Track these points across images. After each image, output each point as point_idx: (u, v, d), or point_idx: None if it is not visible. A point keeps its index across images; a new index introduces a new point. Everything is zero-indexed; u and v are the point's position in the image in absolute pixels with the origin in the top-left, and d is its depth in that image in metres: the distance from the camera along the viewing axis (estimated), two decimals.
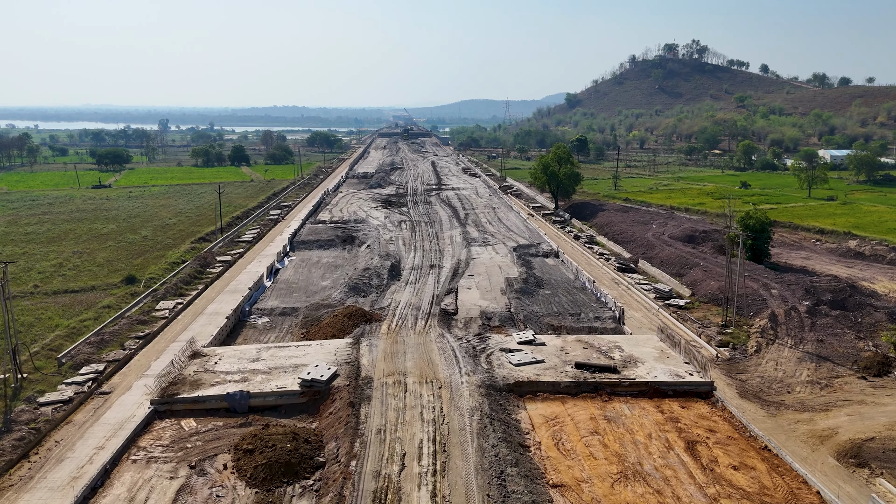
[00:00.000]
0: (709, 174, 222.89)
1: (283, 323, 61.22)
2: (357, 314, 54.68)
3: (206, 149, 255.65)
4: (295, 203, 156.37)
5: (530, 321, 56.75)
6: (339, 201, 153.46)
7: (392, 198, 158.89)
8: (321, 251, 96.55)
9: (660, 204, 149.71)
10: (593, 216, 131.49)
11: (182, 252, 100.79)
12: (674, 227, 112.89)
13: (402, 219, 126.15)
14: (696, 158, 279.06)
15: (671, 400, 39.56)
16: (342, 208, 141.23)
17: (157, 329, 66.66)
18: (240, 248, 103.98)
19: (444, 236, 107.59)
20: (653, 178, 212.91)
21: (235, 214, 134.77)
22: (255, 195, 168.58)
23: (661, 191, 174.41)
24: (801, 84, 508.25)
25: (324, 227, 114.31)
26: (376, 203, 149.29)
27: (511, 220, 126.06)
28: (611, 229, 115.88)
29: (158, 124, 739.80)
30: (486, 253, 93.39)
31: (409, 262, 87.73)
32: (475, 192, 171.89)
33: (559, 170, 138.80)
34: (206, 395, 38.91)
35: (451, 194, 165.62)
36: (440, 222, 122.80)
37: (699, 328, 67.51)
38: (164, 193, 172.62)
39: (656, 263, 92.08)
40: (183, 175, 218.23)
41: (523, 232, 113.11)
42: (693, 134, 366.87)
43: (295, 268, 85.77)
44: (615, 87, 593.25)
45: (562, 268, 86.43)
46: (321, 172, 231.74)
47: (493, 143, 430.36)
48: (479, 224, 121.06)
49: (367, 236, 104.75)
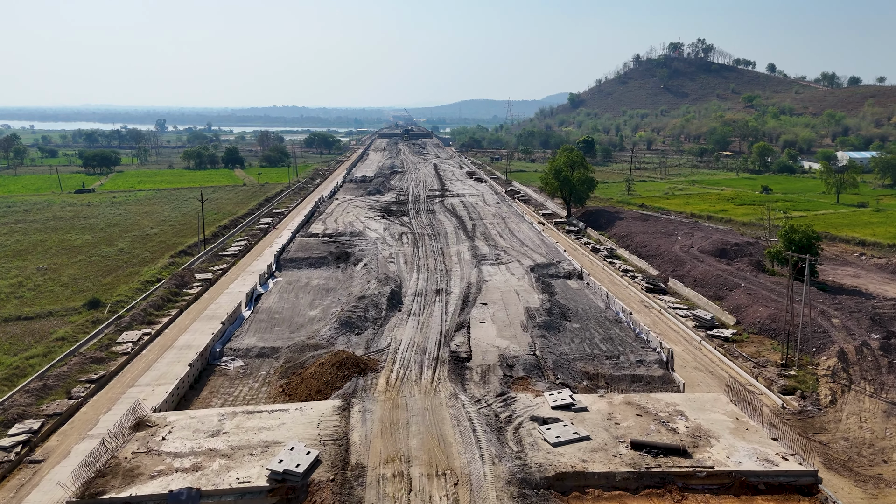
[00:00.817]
0: (723, 177, 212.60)
1: (259, 368, 50.69)
2: (348, 362, 44.24)
3: (199, 151, 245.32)
4: (288, 210, 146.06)
5: (561, 368, 46.31)
6: (335, 210, 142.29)
7: (392, 206, 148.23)
8: (311, 271, 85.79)
9: (679, 211, 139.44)
10: (610, 225, 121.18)
11: (159, 268, 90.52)
12: (701, 238, 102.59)
13: (403, 231, 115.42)
14: (708, 160, 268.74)
15: (765, 499, 29.32)
16: (337, 218, 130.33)
17: (115, 369, 56.39)
18: (223, 264, 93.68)
19: (451, 252, 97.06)
20: (665, 181, 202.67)
21: (222, 223, 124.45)
22: (247, 201, 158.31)
23: (678, 196, 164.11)
24: (809, 83, 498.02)
25: (315, 242, 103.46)
26: (375, 212, 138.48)
27: (524, 233, 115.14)
28: (632, 241, 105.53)
29: (155, 125, 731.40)
30: (499, 274, 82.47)
31: (412, 286, 76.88)
32: (482, 198, 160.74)
33: (572, 175, 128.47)
34: (140, 496, 28.61)
35: (456, 201, 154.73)
36: (445, 235, 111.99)
37: (754, 367, 57.19)
38: (150, 199, 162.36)
39: (689, 283, 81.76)
40: (173, 178, 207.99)
41: (539, 247, 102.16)
42: (702, 135, 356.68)
43: (280, 293, 75.32)
44: (619, 86, 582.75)
45: (588, 293, 75.60)
46: (318, 175, 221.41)
47: (496, 144, 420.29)
48: (489, 237, 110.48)
49: (363, 253, 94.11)
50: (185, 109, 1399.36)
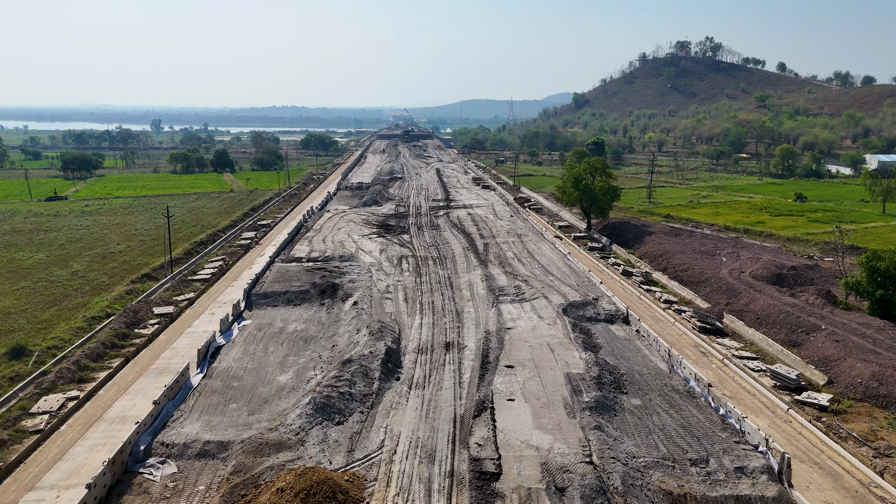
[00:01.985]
0: (746, 182, 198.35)
1: (198, 478, 35.71)
2: (319, 491, 29.42)
3: (186, 154, 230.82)
4: (276, 221, 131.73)
5: (633, 489, 31.32)
6: (324, 225, 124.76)
7: (390, 219, 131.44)
8: (289, 310, 70.88)
9: (711, 223, 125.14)
10: (638, 241, 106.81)
11: (112, 298, 76.23)
12: (751, 260, 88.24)
13: (402, 253, 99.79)
14: (726, 163, 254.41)
15: None
16: (326, 236, 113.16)
17: (14, 460, 42.04)
18: (191, 292, 79.34)
19: (461, 283, 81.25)
20: (685, 186, 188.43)
21: (198, 239, 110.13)
22: (231, 210, 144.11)
23: (704, 204, 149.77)
24: (821, 83, 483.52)
25: (297, 270, 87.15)
26: (370, 228, 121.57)
27: (546, 255, 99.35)
28: (669, 262, 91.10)
29: (151, 125, 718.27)
30: (524, 316, 66.82)
31: (414, 336, 61.47)
32: (492, 210, 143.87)
33: (594, 183, 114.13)
34: None
35: (463, 214, 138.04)
36: (453, 258, 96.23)
37: (874, 457, 42.90)
38: (126, 208, 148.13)
39: (750, 320, 67.49)
40: (156, 184, 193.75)
41: (567, 275, 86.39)
42: (714, 136, 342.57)
43: (245, 344, 59.89)
44: (625, 86, 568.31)
45: (640, 345, 60.04)
46: (312, 180, 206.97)
47: (499, 146, 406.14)
48: (505, 261, 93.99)
49: (354, 285, 78.31)
50: (184, 109, 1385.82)
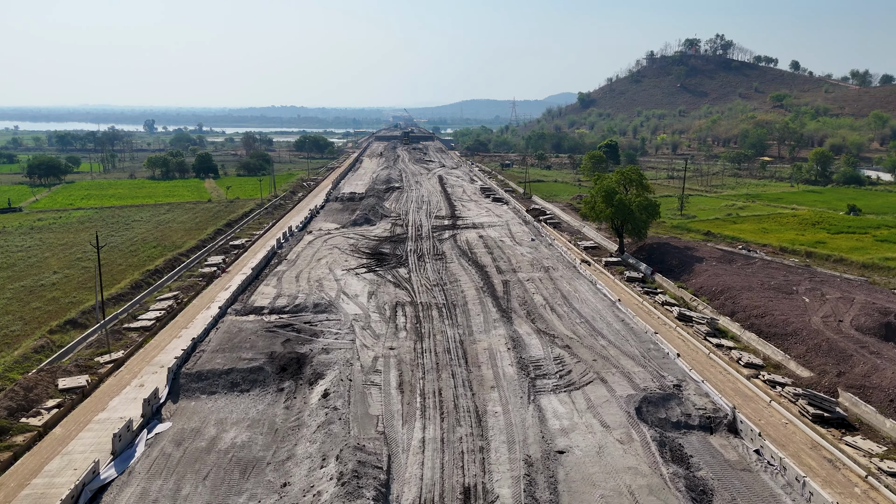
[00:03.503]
0: (780, 190, 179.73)
1: None
2: None
3: (165, 158, 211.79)
4: (252, 240, 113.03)
5: None
6: (302, 253, 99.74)
7: (384, 245, 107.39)
8: (231, 401, 49.63)
9: (763, 244, 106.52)
10: (685, 269, 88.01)
11: (13, 360, 57.63)
12: (841, 301, 69.48)
13: (398, 297, 76.85)
14: (751, 168, 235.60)
15: None
16: (301, 272, 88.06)
17: None
18: (120, 349, 60.58)
19: (479, 351, 59.03)
20: (714, 195, 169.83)
21: (153, 266, 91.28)
22: (204, 224, 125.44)
23: (746, 218, 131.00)
24: (837, 82, 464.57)
25: (254, 328, 64.23)
26: (359, 258, 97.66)
27: (586, 300, 75.03)
28: (735, 302, 72.13)
29: (144, 125, 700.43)
30: (579, 424, 44.43)
31: (412, 477, 38.25)
32: (507, 231, 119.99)
33: (629, 198, 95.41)
34: None
35: (473, 237, 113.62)
36: (465, 306, 73.43)
37: None
38: (84, 222, 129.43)
39: (882, 403, 48.73)
40: (128, 192, 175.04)
41: (621, 334, 63.79)
42: (732, 138, 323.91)
43: (147, 480, 38.23)
44: (632, 85, 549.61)
45: (766, 479, 38.38)
46: (301, 188, 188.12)
47: (503, 147, 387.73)
48: (534, 310, 70.91)
49: (329, 357, 56.49)
50: (183, 110, 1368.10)
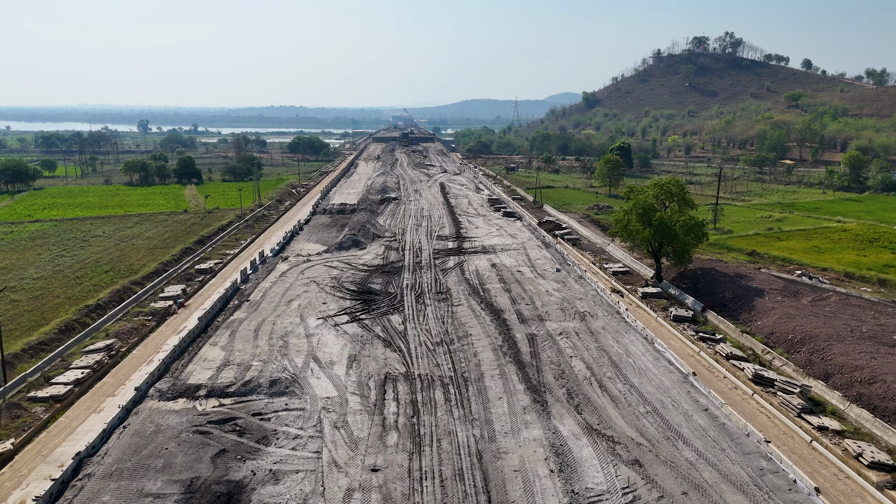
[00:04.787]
0: (813, 198, 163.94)
1: None
2: None
3: (144, 162, 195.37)
4: (224, 261, 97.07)
5: None
6: (269, 293, 78.13)
7: (374, 278, 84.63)
8: None
9: (822, 267, 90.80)
10: (744, 305, 71.88)
11: None
12: None
13: (388, 365, 56.17)
14: (776, 173, 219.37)
15: None
16: (263, 323, 67.21)
17: None
18: (9, 439, 44.35)
19: (506, 472, 38.79)
20: (744, 203, 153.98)
21: (94, 300, 75.06)
22: (172, 241, 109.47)
23: (791, 234, 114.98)
24: (851, 81, 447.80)
25: (176, 428, 44.14)
26: (341, 298, 75.81)
27: (649, 375, 54.23)
28: (826, 360, 55.93)
29: (138, 125, 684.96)
30: None
31: None
32: (525, 257, 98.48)
33: (671, 217, 79.17)
34: None
35: (484, 265, 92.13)
36: (480, 381, 52.93)
37: None
38: (37, 238, 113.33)
39: None
40: (98, 200, 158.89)
41: (708, 434, 44.19)
42: (749, 139, 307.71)
43: None
44: (639, 84, 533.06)
45: None
46: (290, 195, 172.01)
47: (506, 149, 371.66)
48: (577, 390, 50.67)
49: (278, 488, 36.98)
50: (181, 110, 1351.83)
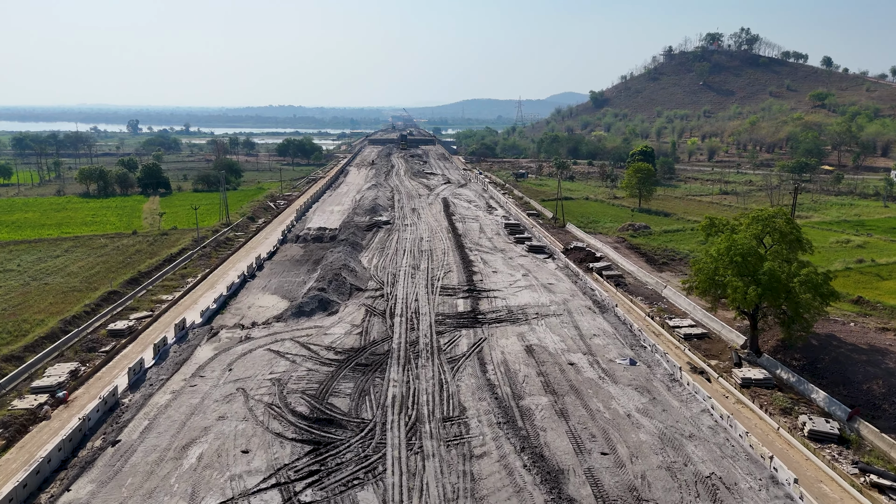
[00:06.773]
0: (878, 213, 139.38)
1: None
2: None
3: (101, 170, 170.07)
4: (155, 314, 72.14)
5: None
6: (155, 426, 45.05)
7: (342, 383, 51.68)
8: None
9: None
10: None
11: None
12: None
13: None
14: (822, 181, 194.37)
15: None
16: (154, 490, 37.13)
17: None
18: None
19: None
20: (804, 221, 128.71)
21: None
22: (101, 277, 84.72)
23: (892, 269, 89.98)
24: (876, 80, 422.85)
25: None
26: (273, 445, 42.16)
27: None
28: None
29: (127, 125, 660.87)
30: None
31: None
32: (575, 332, 65.77)
33: (781, 268, 54.21)
34: None
35: (516, 353, 59.32)
36: None
37: None
38: None
39: None
40: (38, 217, 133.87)
41: None
42: (778, 142, 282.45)
43: None
44: (649, 83, 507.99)
45: None
46: (266, 210, 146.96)
47: (512, 151, 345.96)
48: None
49: None
50: (179, 109, 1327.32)
